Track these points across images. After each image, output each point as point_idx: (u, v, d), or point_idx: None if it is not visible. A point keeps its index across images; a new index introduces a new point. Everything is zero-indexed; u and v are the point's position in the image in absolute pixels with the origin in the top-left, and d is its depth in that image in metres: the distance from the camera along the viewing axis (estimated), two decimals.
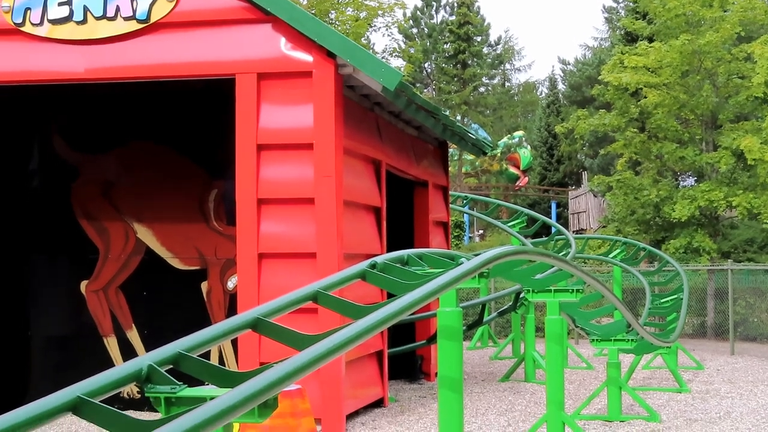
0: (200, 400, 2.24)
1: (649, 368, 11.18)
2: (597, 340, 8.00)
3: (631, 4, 26.33)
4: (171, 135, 8.72)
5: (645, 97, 17.92)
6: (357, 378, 7.53)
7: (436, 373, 7.17)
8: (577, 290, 6.73)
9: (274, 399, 2.39)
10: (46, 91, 8.29)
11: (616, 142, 19.68)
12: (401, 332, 9.68)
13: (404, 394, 9.24)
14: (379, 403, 8.28)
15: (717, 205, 16.66)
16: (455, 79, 31.40)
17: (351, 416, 7.38)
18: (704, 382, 10.61)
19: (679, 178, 21.50)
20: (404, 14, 28.42)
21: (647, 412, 7.81)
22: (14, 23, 7.49)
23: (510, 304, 11.41)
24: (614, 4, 35.03)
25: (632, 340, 7.83)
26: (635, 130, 18.77)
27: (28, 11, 7.47)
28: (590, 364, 11.77)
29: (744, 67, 16.94)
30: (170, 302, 8.52)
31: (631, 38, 24.32)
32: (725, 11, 17.22)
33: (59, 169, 8.95)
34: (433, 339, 8.27)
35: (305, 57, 7.22)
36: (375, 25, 23.73)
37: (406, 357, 10.14)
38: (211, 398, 2.11)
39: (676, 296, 12.76)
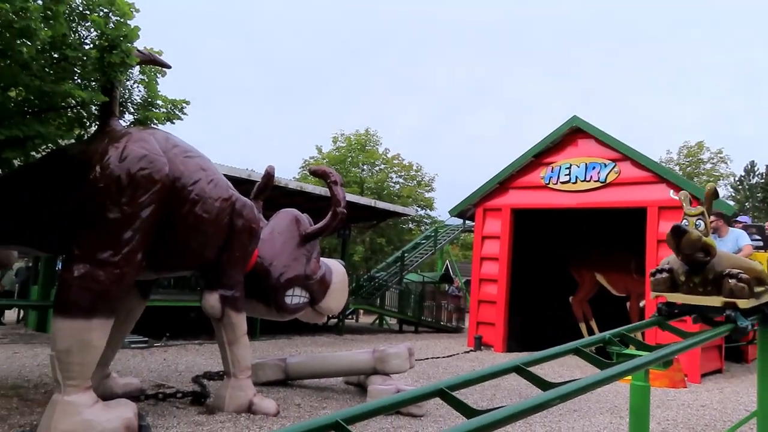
0: (632, 357, 3.52)
1: None
2: None
3: None
4: (616, 232, 14.82)
5: None
6: (706, 356, 12.16)
7: (753, 359, 11.33)
8: None
9: (671, 360, 3.76)
10: (558, 214, 15.07)
11: None
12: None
13: (732, 368, 13.35)
14: (719, 371, 12.67)
15: None
16: (764, 211, 41.17)
17: (703, 375, 11.99)
18: None
19: None
20: (734, 179, 41.87)
21: None
22: (544, 183, 14.36)
23: None
24: None
25: None
26: None
27: (551, 178, 14.25)
28: None
29: None
30: (611, 310, 14.48)
31: None
32: None
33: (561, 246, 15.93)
34: (751, 341, 12.44)
35: None
36: (718, 184, 36.22)
37: (734, 350, 14.26)
38: (638, 357, 3.37)
39: None
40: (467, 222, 18.00)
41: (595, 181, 13.53)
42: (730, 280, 4.19)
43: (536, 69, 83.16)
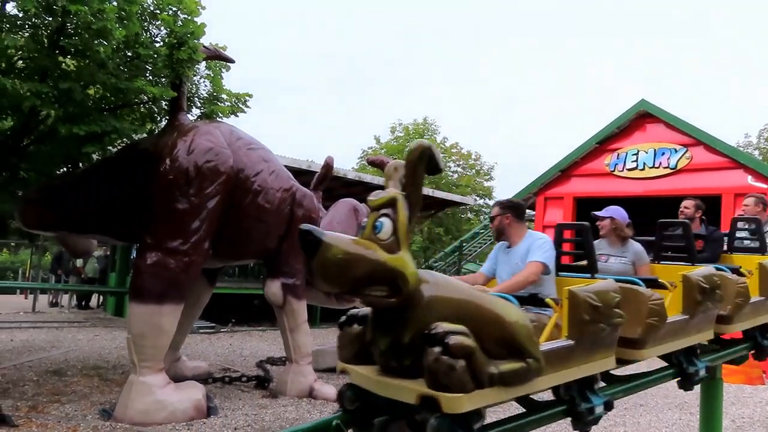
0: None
1: None
2: None
3: None
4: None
5: None
6: None
7: None
8: None
9: (746, 355, 3.96)
10: (624, 202, 14.42)
11: None
12: None
13: None
14: None
15: None
16: None
17: None
18: None
19: None
20: None
21: None
22: (609, 170, 13.88)
23: None
24: None
25: None
26: None
27: (616, 165, 13.77)
28: None
29: None
30: None
31: None
32: None
33: None
34: None
35: (762, 185, 11.70)
36: None
37: None
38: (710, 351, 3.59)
39: None
40: (527, 211, 17.68)
41: (665, 168, 12.98)
42: (431, 350, 1.99)
43: (601, 53, 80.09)
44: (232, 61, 6.94)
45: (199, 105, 7.03)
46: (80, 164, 6.16)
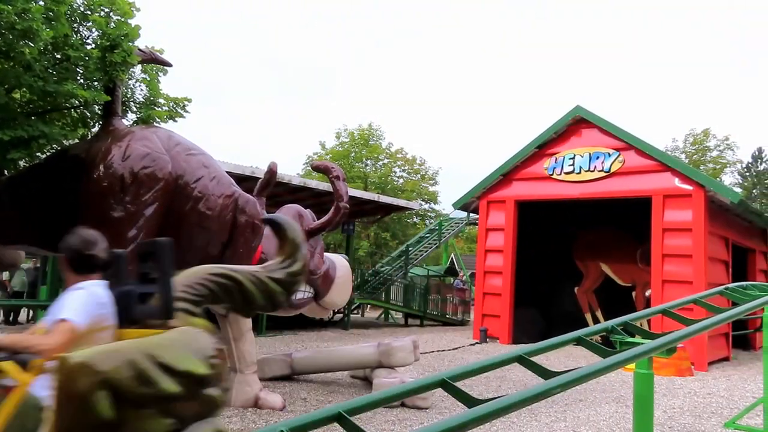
0: (635, 345, 3.71)
1: None
2: None
3: None
4: (620, 223, 14.72)
5: None
6: (713, 344, 12.15)
7: (760, 347, 11.28)
8: None
9: (674, 348, 3.88)
10: (562, 205, 14.96)
11: None
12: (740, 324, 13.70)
13: (740, 355, 13.44)
14: (726, 359, 12.69)
15: None
16: None
17: (710, 363, 11.97)
18: None
19: None
20: (741, 166, 41.14)
21: None
22: (548, 174, 14.32)
23: None
24: None
25: None
26: None
27: (554, 168, 14.22)
28: None
29: None
30: (617, 299, 14.45)
31: None
32: None
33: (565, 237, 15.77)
34: (758, 329, 12.35)
35: (687, 187, 12.39)
36: (725, 172, 36.26)
37: (742, 337, 14.30)
38: (640, 345, 3.60)
39: None
40: (471, 215, 17.98)
41: (600, 171, 13.49)
42: None
43: (543, 59, 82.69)
44: (170, 65, 6.74)
45: (135, 110, 6.79)
46: (5, 171, 5.83)
